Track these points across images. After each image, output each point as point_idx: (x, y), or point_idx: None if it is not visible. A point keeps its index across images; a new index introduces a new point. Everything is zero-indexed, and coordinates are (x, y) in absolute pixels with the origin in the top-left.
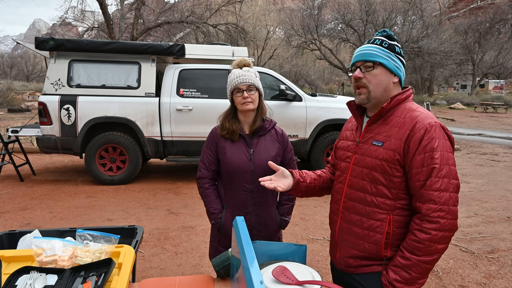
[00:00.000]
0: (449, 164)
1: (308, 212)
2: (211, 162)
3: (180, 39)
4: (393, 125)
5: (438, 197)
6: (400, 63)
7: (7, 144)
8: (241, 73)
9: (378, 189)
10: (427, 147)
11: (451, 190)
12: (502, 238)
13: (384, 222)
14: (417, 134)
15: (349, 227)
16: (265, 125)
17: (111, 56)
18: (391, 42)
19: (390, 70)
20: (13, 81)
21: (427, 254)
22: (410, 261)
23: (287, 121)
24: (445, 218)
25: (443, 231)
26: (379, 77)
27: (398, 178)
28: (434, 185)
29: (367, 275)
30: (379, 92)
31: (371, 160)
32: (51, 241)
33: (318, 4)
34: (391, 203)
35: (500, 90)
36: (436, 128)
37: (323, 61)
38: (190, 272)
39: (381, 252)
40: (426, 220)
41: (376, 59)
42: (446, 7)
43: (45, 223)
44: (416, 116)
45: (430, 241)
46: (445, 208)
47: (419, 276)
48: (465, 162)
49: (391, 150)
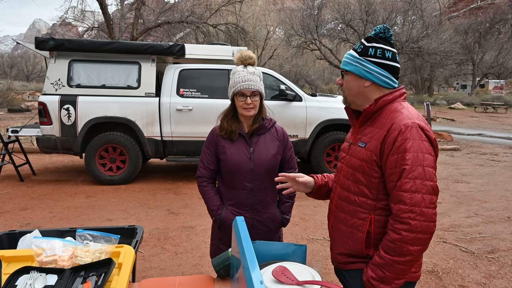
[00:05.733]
0: (423, 166)
1: (308, 212)
2: (210, 161)
3: (180, 39)
4: (376, 126)
5: (408, 198)
6: (372, 67)
7: (7, 144)
8: (246, 77)
9: (359, 189)
10: (400, 148)
11: (424, 191)
12: (502, 238)
13: (366, 221)
14: (392, 135)
15: (337, 225)
16: (265, 124)
17: (111, 56)
18: (368, 44)
19: (359, 76)
20: (13, 81)
21: (399, 254)
22: (384, 260)
23: (287, 121)
24: (416, 220)
25: (414, 232)
26: (349, 83)
27: (376, 179)
28: (404, 185)
29: (353, 271)
30: (352, 97)
31: (355, 161)
32: (51, 241)
33: (318, 4)
34: (372, 203)
35: (500, 90)
36: (412, 129)
37: (323, 61)
38: (190, 272)
39: (363, 250)
40: (397, 220)
41: (344, 67)
42: (446, 7)
43: (45, 223)
44: (395, 117)
45: (401, 241)
46: (416, 209)
47: (393, 275)
48: (465, 162)
49: (370, 151)
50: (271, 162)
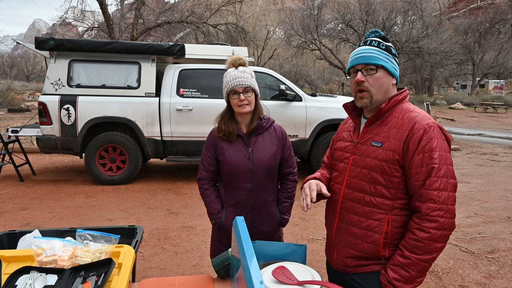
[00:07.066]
0: (447, 164)
1: (308, 212)
2: (210, 163)
3: (180, 39)
4: (392, 125)
5: (437, 196)
6: (396, 64)
7: (7, 144)
8: (237, 75)
9: (377, 189)
10: (426, 147)
11: (449, 189)
12: (502, 238)
13: (383, 222)
14: (416, 135)
15: (347, 227)
16: (263, 124)
17: (111, 56)
18: (387, 43)
19: (390, 73)
20: (13, 81)
21: (426, 252)
22: (409, 259)
23: (287, 121)
24: (444, 217)
25: (442, 229)
26: (381, 80)
27: (397, 178)
28: (433, 184)
29: (365, 274)
30: (380, 95)
31: (371, 161)
32: (51, 241)
33: (318, 4)
34: (389, 203)
35: (500, 90)
36: (435, 129)
37: (323, 61)
38: (190, 272)
39: (379, 252)
40: (426, 219)
41: (379, 62)
42: (446, 7)
43: (45, 223)
44: (415, 117)
45: (429, 239)
46: (444, 207)
47: (418, 274)
48: (465, 162)
49: (390, 150)
50: (270, 162)
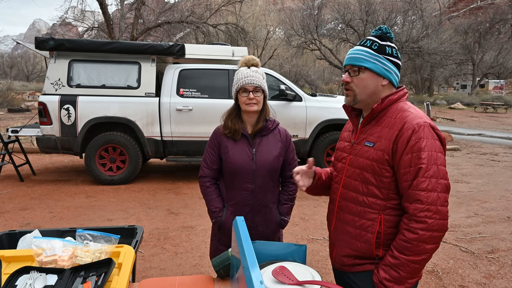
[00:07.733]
0: (437, 164)
1: (308, 212)
2: (213, 161)
3: (180, 39)
4: (384, 125)
5: (425, 197)
6: (390, 65)
7: (7, 144)
8: (249, 73)
9: (369, 189)
10: (415, 147)
11: (439, 190)
12: (502, 238)
13: (375, 221)
14: (405, 134)
15: (343, 227)
16: (268, 125)
17: (111, 56)
18: (383, 42)
19: (378, 74)
20: (13, 81)
21: (415, 253)
22: (398, 260)
23: (287, 121)
24: (432, 218)
25: (431, 231)
26: (365, 81)
27: (387, 179)
28: (420, 185)
29: (360, 273)
30: (365, 95)
31: (363, 161)
32: (51, 241)
33: (318, 4)
34: (381, 203)
35: (500, 90)
36: (425, 128)
37: (323, 61)
38: (190, 272)
39: (372, 251)
40: (414, 220)
41: (362, 64)
42: (446, 7)
43: (45, 223)
44: (406, 117)
45: (417, 240)
46: (432, 208)
47: (408, 275)
48: (465, 162)
49: (381, 150)
50: (273, 163)
